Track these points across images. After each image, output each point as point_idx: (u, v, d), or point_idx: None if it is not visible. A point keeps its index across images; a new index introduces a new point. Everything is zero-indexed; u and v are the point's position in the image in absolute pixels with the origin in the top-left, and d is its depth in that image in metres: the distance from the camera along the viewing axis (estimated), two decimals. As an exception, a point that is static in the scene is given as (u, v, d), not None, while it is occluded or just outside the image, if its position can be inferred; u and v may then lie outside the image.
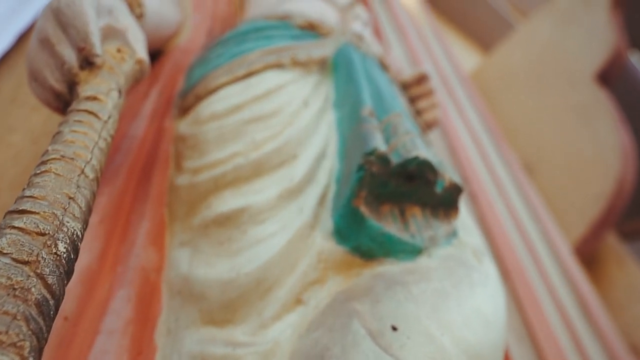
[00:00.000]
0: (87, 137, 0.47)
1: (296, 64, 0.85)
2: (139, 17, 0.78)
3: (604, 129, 1.91)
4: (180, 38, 1.05)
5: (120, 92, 0.56)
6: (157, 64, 0.99)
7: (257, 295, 0.54)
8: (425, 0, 3.41)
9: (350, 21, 1.14)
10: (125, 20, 0.67)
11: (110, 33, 0.62)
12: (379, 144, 0.58)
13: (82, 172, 0.43)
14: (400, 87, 1.09)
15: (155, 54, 1.02)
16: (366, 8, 2.52)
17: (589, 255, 1.87)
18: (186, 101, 0.83)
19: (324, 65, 0.89)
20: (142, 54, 0.64)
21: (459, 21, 4.08)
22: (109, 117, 0.51)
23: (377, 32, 2.28)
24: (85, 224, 0.41)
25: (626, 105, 2.07)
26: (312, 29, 0.97)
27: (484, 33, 4.18)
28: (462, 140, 1.81)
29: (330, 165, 0.68)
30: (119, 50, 0.59)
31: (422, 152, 0.59)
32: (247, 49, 0.87)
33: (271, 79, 0.79)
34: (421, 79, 1.09)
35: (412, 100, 1.10)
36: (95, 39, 0.55)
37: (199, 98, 0.80)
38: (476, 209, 1.46)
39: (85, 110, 0.49)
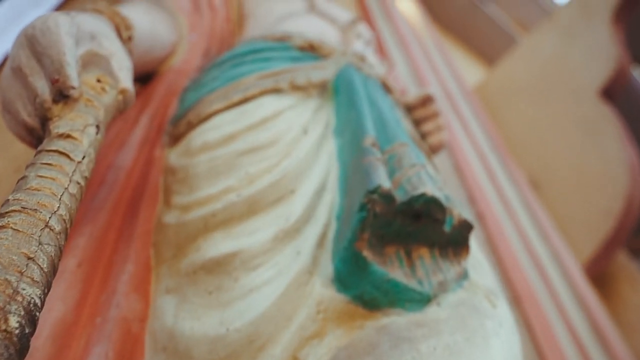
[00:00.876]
0: (55, 183, 0.42)
1: (295, 88, 0.80)
2: (128, 40, 0.74)
3: (610, 144, 1.87)
4: (175, 59, 1.01)
5: (98, 127, 0.51)
6: (150, 86, 0.95)
7: (249, 355, 0.49)
8: (427, 15, 3.38)
9: (351, 40, 1.09)
10: (110, 46, 0.62)
11: (92, 60, 0.57)
12: (382, 180, 0.53)
13: (47, 225, 0.38)
14: (405, 109, 1.04)
15: (148, 75, 0.98)
16: (368, 26, 2.49)
17: (600, 274, 1.81)
18: (178, 128, 0.78)
19: (324, 89, 0.84)
20: (126, 83, 0.59)
21: (462, 35, 4.05)
22: (84, 157, 0.46)
23: (380, 49, 2.24)
24: (48, 286, 0.36)
25: (630, 120, 2.03)
26: (312, 50, 0.93)
27: (486, 46, 4.16)
28: (468, 158, 1.76)
29: (330, 200, 0.63)
30: (99, 80, 0.55)
31: (429, 188, 0.54)
32: (244, 72, 0.83)
33: (268, 105, 0.74)
34: (426, 101, 1.04)
35: (417, 122, 1.05)
36: (71, 69, 0.50)
37: (191, 126, 0.75)
38: (484, 230, 1.41)
39: (56, 151, 0.44)
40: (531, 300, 1.28)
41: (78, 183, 0.45)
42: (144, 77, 0.98)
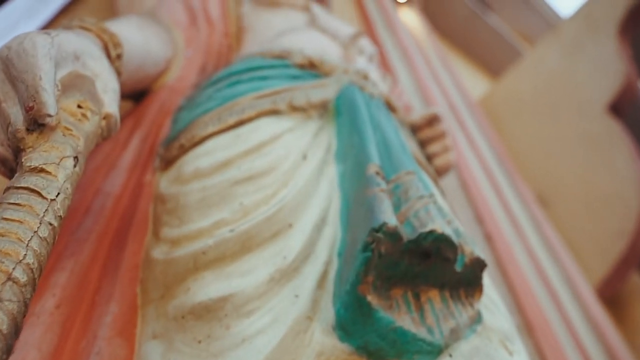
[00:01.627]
0: (22, 226, 0.37)
1: (294, 109, 0.76)
2: (117, 58, 0.69)
3: (620, 161, 1.82)
4: (169, 75, 0.97)
5: (77, 159, 0.46)
6: (143, 104, 0.91)
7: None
8: (429, 26, 3.36)
9: (353, 56, 1.05)
10: (95, 66, 0.58)
11: (74, 83, 0.53)
12: (387, 216, 0.48)
13: (9, 277, 0.34)
14: (410, 129, 1.00)
15: (142, 93, 0.94)
16: (371, 39, 2.46)
17: (613, 296, 1.75)
18: (170, 151, 0.74)
19: (324, 110, 0.79)
20: (111, 107, 0.55)
21: (464, 46, 4.03)
22: (58, 194, 0.42)
23: (384, 62, 2.20)
24: (8, 351, 0.32)
25: (639, 136, 1.99)
26: (312, 68, 0.89)
27: (489, 57, 4.13)
28: (475, 174, 1.71)
29: (331, 234, 0.58)
30: (79, 106, 0.50)
31: (438, 224, 0.49)
32: (240, 91, 0.78)
33: (265, 128, 0.70)
34: (432, 121, 0.99)
35: (423, 143, 1.00)
36: (47, 96, 0.45)
37: (184, 150, 0.71)
38: (492, 252, 1.35)
39: (26, 188, 0.40)
40: (543, 326, 1.23)
41: (50, 224, 0.40)
42: (137, 95, 0.94)
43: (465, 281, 0.53)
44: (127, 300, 0.56)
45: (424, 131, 1.00)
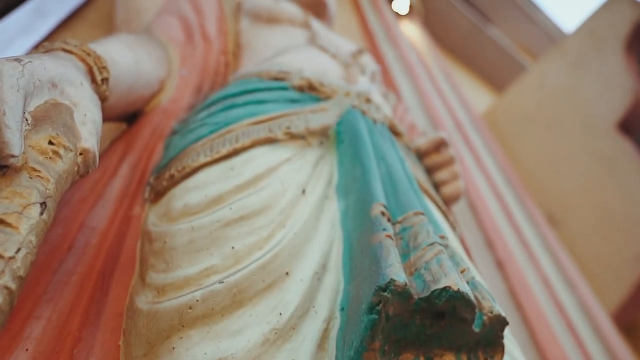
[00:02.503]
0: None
1: (292, 137, 0.71)
2: (103, 82, 0.64)
3: (632, 182, 1.76)
4: (163, 96, 0.91)
5: (44, 205, 0.41)
6: (134, 128, 0.85)
7: None
8: (432, 40, 3.32)
9: (355, 77, 1.00)
10: (76, 94, 0.53)
11: (50, 114, 0.48)
12: (395, 271, 0.43)
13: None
14: (416, 155, 0.95)
15: (134, 114, 0.89)
16: (373, 56, 2.41)
17: (630, 324, 1.68)
18: (160, 182, 0.68)
19: (325, 137, 0.74)
20: (89, 142, 0.49)
21: (466, 59, 4.00)
22: (19, 250, 0.36)
23: (386, 77, 2.15)
24: None
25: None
26: (311, 91, 0.84)
27: (491, 70, 4.10)
28: (483, 196, 1.65)
29: (333, 283, 0.52)
30: (51, 142, 0.45)
31: (453, 278, 0.44)
32: (234, 117, 0.73)
33: (260, 159, 0.65)
34: (439, 145, 0.94)
35: (430, 170, 0.95)
36: (11, 134, 0.40)
37: (174, 181, 0.66)
38: (504, 280, 1.29)
39: (-20, 247, 0.35)
40: (560, 359, 1.16)
41: (6, 288, 0.35)
42: (130, 116, 0.89)
43: (484, 342, 0.47)
44: (109, 356, 0.50)
45: (431, 157, 0.95)
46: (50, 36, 1.32)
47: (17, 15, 1.29)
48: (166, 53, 0.98)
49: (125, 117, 0.87)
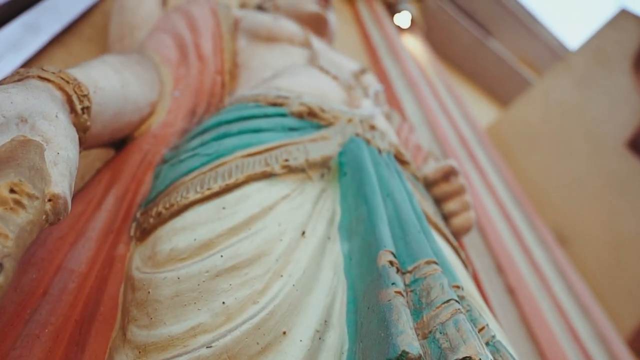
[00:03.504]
0: None
1: (290, 170, 0.65)
2: (84, 111, 0.59)
3: (644, 201, 1.71)
4: (154, 120, 0.86)
5: (1, 266, 0.35)
6: (122, 155, 0.80)
7: None
8: (434, 53, 3.29)
9: (358, 100, 0.95)
10: (49, 129, 0.48)
11: (16, 154, 0.42)
12: (407, 339, 0.38)
13: None
14: (424, 184, 0.90)
15: (122, 140, 0.84)
16: (375, 69, 2.37)
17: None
18: (147, 218, 0.63)
19: (326, 169, 0.69)
20: (59, 186, 0.44)
21: (469, 72, 3.97)
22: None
23: (389, 93, 2.11)
24: None
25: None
26: (311, 117, 0.79)
27: (493, 83, 4.07)
28: (492, 218, 1.59)
29: (336, 342, 0.47)
30: (13, 190, 0.39)
31: (473, 346, 0.39)
32: (228, 147, 0.68)
33: (255, 197, 0.59)
34: (448, 174, 0.89)
35: (440, 200, 0.89)
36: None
37: (162, 219, 0.60)
38: (516, 307, 1.23)
39: None
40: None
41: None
42: (116, 144, 0.84)
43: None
44: None
45: (440, 187, 0.90)
46: (42, 53, 1.28)
47: (7, 31, 1.24)
48: (158, 74, 0.93)
49: (113, 143, 0.82)
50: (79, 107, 0.58)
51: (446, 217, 0.88)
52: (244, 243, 0.52)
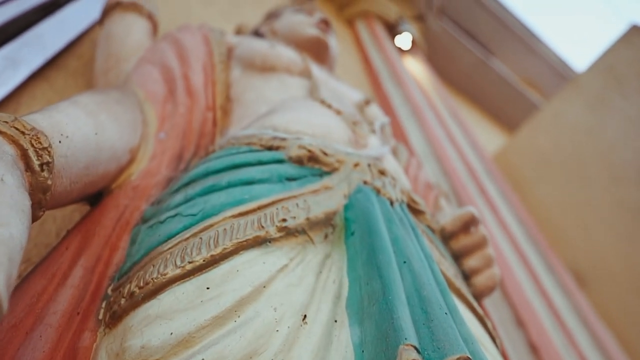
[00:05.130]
0: None
1: (288, 233, 0.55)
2: (43, 167, 0.50)
3: (669, 237, 1.59)
4: (135, 168, 0.76)
5: None
6: (95, 213, 0.70)
7: None
8: (436, 75, 3.22)
9: (364, 137, 0.85)
10: None
11: None
12: None
13: None
14: (442, 237, 0.79)
15: (98, 193, 0.73)
16: (378, 98, 2.28)
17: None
18: (118, 298, 0.52)
19: (331, 227, 0.59)
20: None
21: (472, 95, 3.90)
22: None
23: (393, 120, 2.01)
24: None
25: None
26: (313, 162, 0.69)
27: (498, 106, 4.00)
28: (509, 263, 1.47)
29: None
30: None
31: None
32: (215, 206, 0.58)
33: (246, 272, 0.49)
34: (468, 224, 0.78)
35: (459, 255, 0.79)
36: None
37: (134, 302, 0.50)
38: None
39: None
40: None
41: None
42: (91, 198, 0.73)
43: None
44: None
45: (459, 240, 0.79)
46: (23, 88, 1.19)
47: (-16, 65, 1.15)
48: (142, 113, 0.83)
49: (87, 197, 0.72)
50: (36, 163, 0.49)
51: (467, 275, 0.77)
52: (231, 339, 0.42)
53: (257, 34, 1.50)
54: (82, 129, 0.61)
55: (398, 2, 3.24)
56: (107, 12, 1.18)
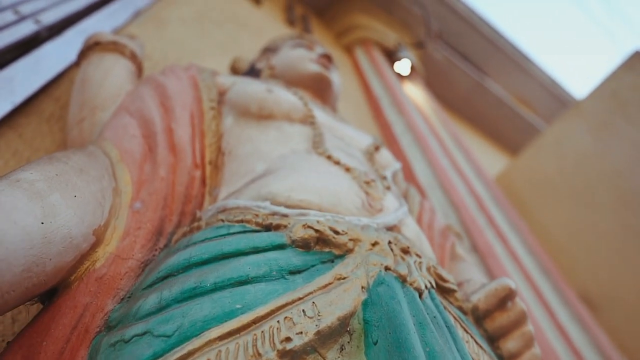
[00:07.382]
0: None
1: (293, 358, 0.41)
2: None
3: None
4: (101, 252, 0.61)
5: None
6: (46, 317, 0.55)
7: None
8: (435, 99, 3.14)
9: (379, 200, 0.71)
10: None
11: None
12: None
13: None
14: (474, 317, 0.65)
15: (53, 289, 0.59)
16: (379, 125, 2.16)
17: None
18: None
19: (347, 336, 0.45)
20: None
21: (471, 117, 3.84)
22: None
23: (397, 149, 1.90)
24: None
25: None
26: (322, 246, 0.55)
27: (498, 128, 3.96)
28: (524, 297, 1.35)
29: None
30: None
31: None
32: (195, 323, 0.43)
33: None
34: (504, 300, 0.65)
35: (495, 337, 0.65)
36: None
37: None
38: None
39: None
40: None
41: None
42: (43, 295, 0.59)
43: None
44: None
45: (495, 319, 0.65)
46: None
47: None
48: (113, 180, 0.69)
49: (35, 297, 0.57)
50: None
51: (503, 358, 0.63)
52: None
53: (253, 70, 1.38)
54: (19, 222, 0.47)
55: (396, 28, 3.17)
56: (84, 53, 1.05)
